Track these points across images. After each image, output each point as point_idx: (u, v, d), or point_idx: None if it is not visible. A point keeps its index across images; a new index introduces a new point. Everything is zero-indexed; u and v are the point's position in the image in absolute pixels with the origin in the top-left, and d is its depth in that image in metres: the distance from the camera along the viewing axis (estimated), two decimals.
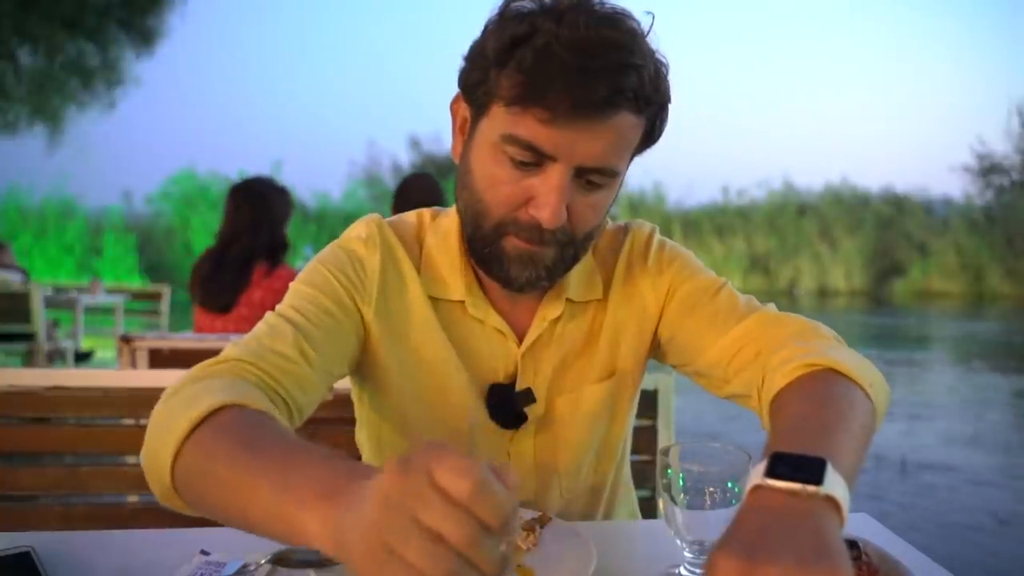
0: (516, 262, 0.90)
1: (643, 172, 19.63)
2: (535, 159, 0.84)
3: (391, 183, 20.58)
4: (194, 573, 0.78)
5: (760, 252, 19.33)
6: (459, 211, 0.96)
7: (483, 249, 0.92)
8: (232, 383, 0.76)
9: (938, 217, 19.64)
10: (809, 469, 0.58)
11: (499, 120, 0.84)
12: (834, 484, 0.57)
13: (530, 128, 0.82)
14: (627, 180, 0.96)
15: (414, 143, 21.46)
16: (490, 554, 0.46)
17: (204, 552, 0.83)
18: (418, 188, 3.06)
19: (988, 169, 19.29)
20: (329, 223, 17.85)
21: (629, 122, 0.84)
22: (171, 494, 0.71)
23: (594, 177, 0.86)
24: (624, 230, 1.08)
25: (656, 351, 1.07)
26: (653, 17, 0.85)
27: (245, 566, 0.79)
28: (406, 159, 21.26)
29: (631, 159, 0.92)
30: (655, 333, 1.05)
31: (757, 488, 0.59)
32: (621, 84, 0.80)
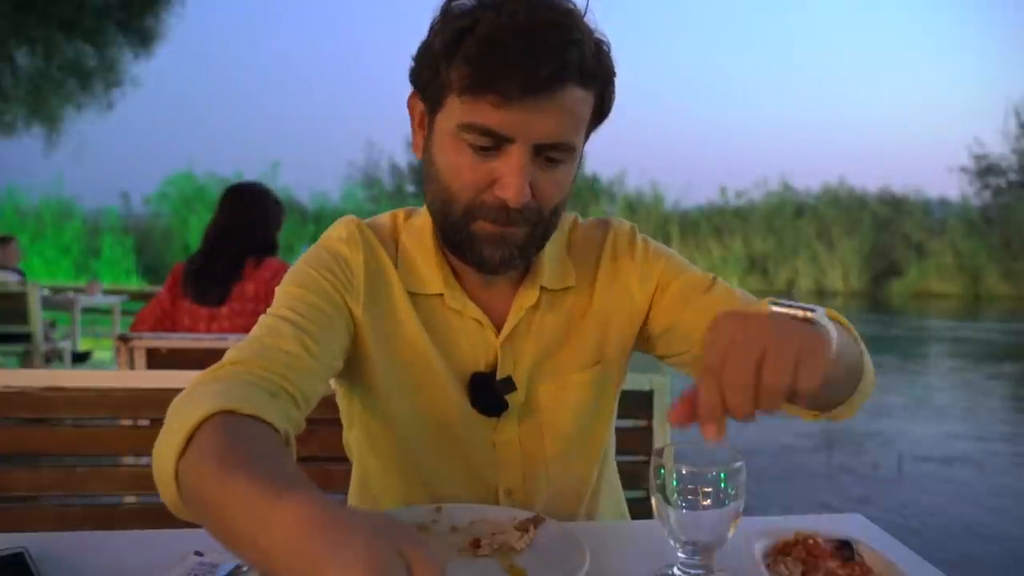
0: (488, 244, 0.92)
1: (641, 173, 19.72)
2: (493, 143, 0.87)
3: (389, 184, 20.59)
4: (188, 574, 0.79)
5: (758, 253, 19.35)
6: (428, 204, 0.98)
7: (455, 236, 0.94)
8: (229, 387, 0.76)
9: (935, 218, 19.68)
10: (806, 307, 0.72)
11: (455, 111, 0.88)
12: (825, 319, 0.71)
13: (484, 114, 0.85)
14: (626, 180, 0.98)
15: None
16: None
17: (198, 553, 0.83)
18: None
19: (985, 170, 19.33)
20: (327, 224, 17.75)
21: (577, 96, 0.87)
22: (185, 511, 0.70)
23: (553, 153, 0.89)
24: (604, 225, 1.11)
25: (644, 343, 1.10)
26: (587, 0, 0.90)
27: (238, 567, 0.79)
28: (404, 160, 21.30)
29: (587, 135, 0.96)
30: (643, 326, 1.08)
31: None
32: (564, 59, 0.84)
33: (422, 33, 0.92)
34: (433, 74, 0.89)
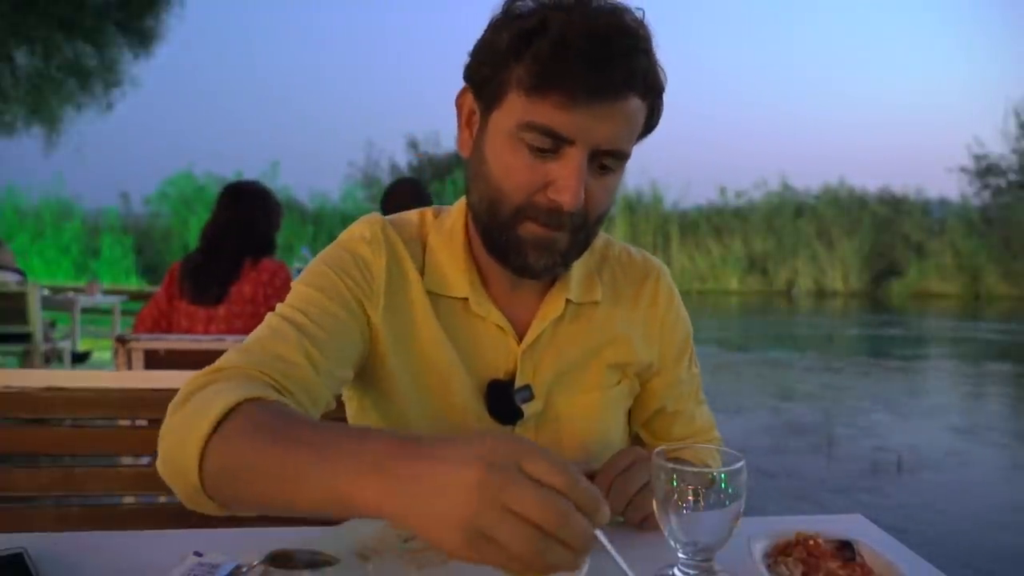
0: (533, 248, 0.91)
1: (641, 172, 19.65)
2: (553, 145, 0.86)
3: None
4: (187, 575, 0.78)
5: (758, 253, 19.32)
6: (471, 203, 0.97)
7: (500, 237, 0.93)
8: (242, 384, 0.77)
9: (935, 218, 19.66)
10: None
11: (516, 109, 0.87)
12: None
13: (548, 114, 0.85)
14: (625, 180, 0.99)
15: (412, 144, 21.49)
16: (578, 531, 0.53)
17: (197, 553, 0.82)
18: (405, 193, 3.09)
19: (985, 170, 19.33)
20: (327, 224, 17.86)
21: (636, 105, 0.88)
22: (201, 498, 0.72)
23: (607, 160, 0.89)
24: (648, 262, 1.13)
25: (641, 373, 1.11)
26: (643, 11, 0.90)
27: (239, 567, 0.79)
28: (404, 160, 21.29)
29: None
30: (650, 365, 1.10)
31: None
32: (633, 67, 0.85)
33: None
34: (494, 70, 0.88)
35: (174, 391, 0.83)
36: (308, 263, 1.02)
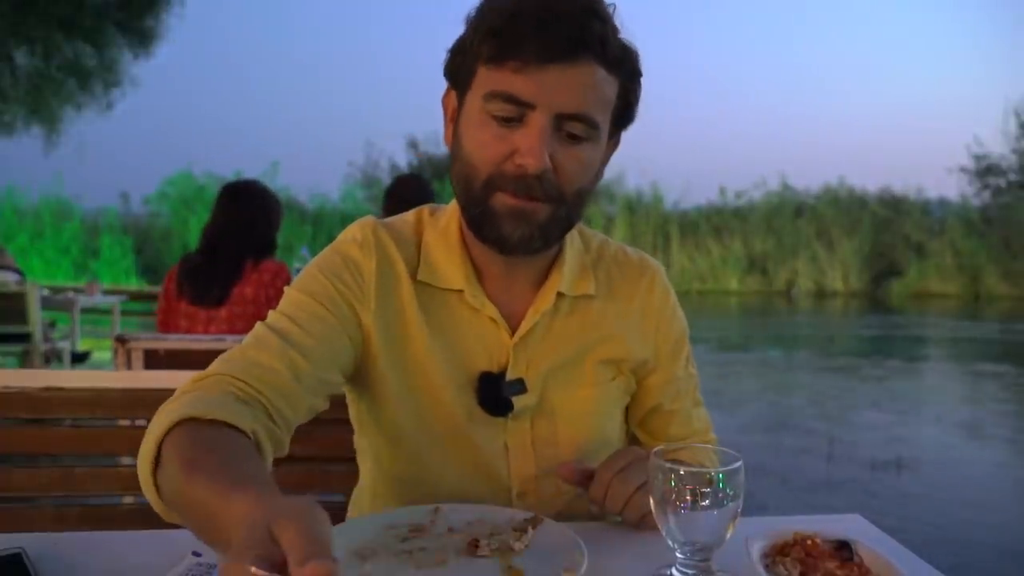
0: (507, 219, 0.93)
1: (641, 173, 19.67)
2: (517, 112, 0.89)
3: (389, 184, 20.56)
4: (186, 574, 0.78)
5: (758, 253, 19.30)
6: (453, 188, 0.99)
7: (475, 210, 0.95)
8: (202, 397, 0.80)
9: (935, 218, 19.64)
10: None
11: (481, 83, 0.91)
12: None
13: (507, 80, 0.88)
14: (625, 180, 1.00)
15: (412, 144, 21.48)
16: None
17: (195, 553, 0.83)
18: (408, 188, 3.08)
19: (985, 170, 19.32)
20: (326, 224, 17.84)
21: (600, 75, 0.90)
22: (168, 513, 0.75)
23: (574, 127, 0.90)
24: (644, 259, 1.14)
25: (636, 370, 1.11)
26: (615, 7, 0.93)
27: None
28: (404, 160, 21.28)
29: (614, 128, 0.98)
30: (645, 362, 1.10)
31: None
32: (585, 28, 0.87)
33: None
34: (464, 57, 0.92)
35: (173, 391, 0.84)
36: (307, 263, 1.03)
